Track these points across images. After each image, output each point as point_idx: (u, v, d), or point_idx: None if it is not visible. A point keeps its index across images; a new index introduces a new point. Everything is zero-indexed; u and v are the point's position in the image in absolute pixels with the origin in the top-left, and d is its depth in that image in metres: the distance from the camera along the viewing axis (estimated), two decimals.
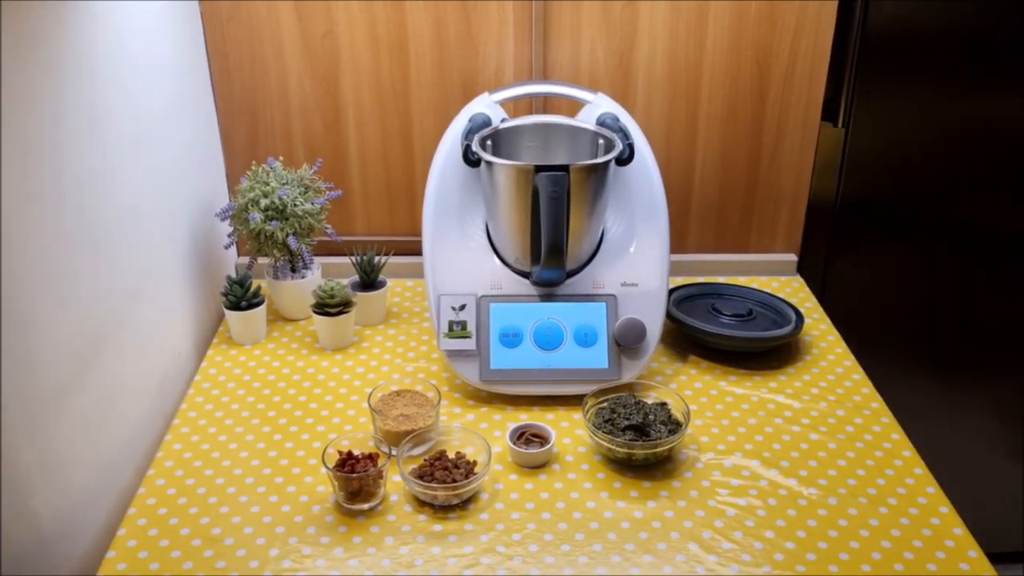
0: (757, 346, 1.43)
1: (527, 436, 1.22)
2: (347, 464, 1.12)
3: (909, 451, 1.22)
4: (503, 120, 1.39)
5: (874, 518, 1.10)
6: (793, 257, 1.72)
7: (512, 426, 1.23)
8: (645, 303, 1.33)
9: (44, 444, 0.98)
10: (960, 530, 1.08)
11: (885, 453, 1.22)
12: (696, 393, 1.35)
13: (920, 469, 1.19)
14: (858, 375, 1.40)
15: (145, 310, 1.26)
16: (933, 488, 1.15)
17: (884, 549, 1.06)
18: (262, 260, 1.52)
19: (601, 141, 1.35)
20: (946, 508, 1.12)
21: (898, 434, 1.26)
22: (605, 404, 1.25)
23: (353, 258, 1.52)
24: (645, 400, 1.26)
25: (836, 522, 1.10)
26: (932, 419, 1.88)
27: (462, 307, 1.32)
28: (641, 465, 1.18)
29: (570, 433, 1.26)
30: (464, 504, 1.12)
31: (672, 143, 1.62)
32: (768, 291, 1.57)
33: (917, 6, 1.55)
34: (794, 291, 1.66)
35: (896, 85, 1.61)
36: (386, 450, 1.15)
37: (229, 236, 1.50)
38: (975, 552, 1.05)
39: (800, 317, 1.47)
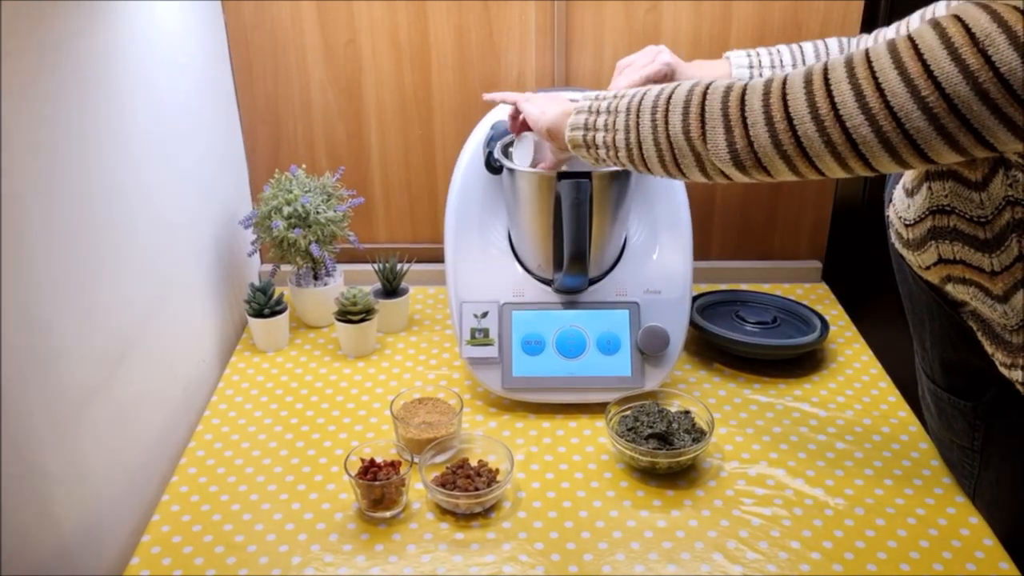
0: (782, 354, 1.41)
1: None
2: (369, 472, 1.11)
3: (937, 461, 1.21)
4: None
5: (902, 529, 1.09)
6: (818, 263, 1.70)
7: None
8: (668, 310, 1.32)
9: (69, 451, 0.98)
10: (991, 541, 1.06)
11: (913, 463, 1.20)
12: (720, 401, 1.34)
13: (949, 479, 1.17)
14: (885, 383, 1.38)
15: (169, 317, 1.26)
16: (962, 498, 1.14)
17: (913, 560, 1.04)
18: (285, 267, 1.53)
19: None
20: (976, 519, 1.10)
21: (926, 443, 1.24)
22: (628, 412, 1.24)
23: (375, 265, 1.52)
24: (668, 408, 1.25)
25: (863, 533, 1.08)
26: None
27: (484, 314, 1.32)
28: (665, 474, 1.17)
29: (593, 441, 1.25)
30: (486, 512, 1.12)
31: None
32: (793, 298, 1.56)
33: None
34: (819, 298, 1.64)
35: None
36: (408, 458, 1.15)
37: (252, 244, 1.51)
38: (1006, 564, 1.03)
39: (825, 324, 1.45)
